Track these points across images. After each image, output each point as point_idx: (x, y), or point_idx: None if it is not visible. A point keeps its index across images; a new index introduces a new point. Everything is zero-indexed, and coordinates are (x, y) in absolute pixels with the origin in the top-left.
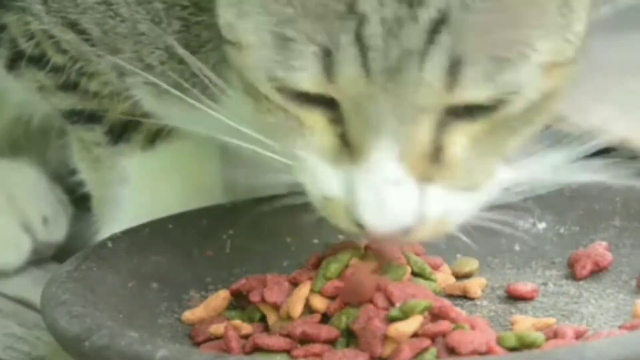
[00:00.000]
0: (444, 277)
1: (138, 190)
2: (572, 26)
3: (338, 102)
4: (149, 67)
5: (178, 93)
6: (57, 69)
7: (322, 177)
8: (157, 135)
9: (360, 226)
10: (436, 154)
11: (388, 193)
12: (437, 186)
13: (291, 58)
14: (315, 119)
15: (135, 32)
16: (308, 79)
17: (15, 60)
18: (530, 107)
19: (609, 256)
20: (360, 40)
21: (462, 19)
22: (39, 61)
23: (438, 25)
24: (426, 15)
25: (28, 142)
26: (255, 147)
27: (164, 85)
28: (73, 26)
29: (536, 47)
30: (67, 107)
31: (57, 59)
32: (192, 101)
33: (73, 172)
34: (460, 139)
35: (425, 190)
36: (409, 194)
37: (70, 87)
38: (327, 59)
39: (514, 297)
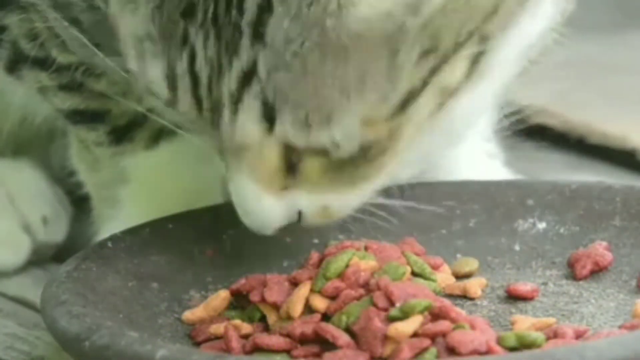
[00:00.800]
0: (444, 277)
1: (138, 190)
2: (396, 87)
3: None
4: None
5: None
6: (61, 69)
7: (227, 182)
8: (161, 134)
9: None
10: (292, 169)
11: (251, 207)
12: (301, 190)
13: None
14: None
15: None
16: (162, 94)
17: (15, 62)
18: (362, 151)
19: (609, 256)
20: (192, 73)
21: (271, 73)
22: (42, 62)
23: (250, 75)
24: (239, 64)
25: (29, 142)
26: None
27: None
28: (77, 24)
29: (350, 106)
30: (70, 107)
31: (62, 58)
32: None
33: (72, 173)
34: (311, 162)
35: (288, 196)
36: (267, 205)
37: (73, 87)
38: (171, 84)
39: (514, 297)
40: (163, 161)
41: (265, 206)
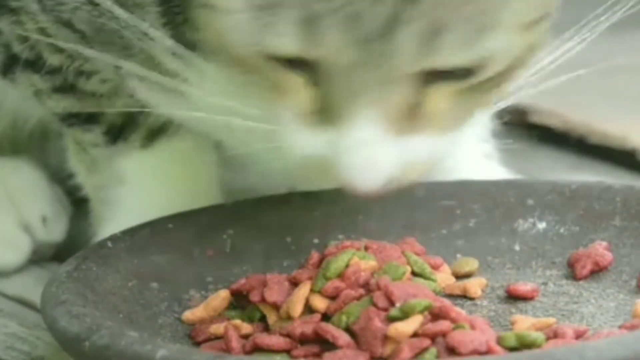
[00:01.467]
0: (444, 277)
1: (135, 190)
2: None
3: (317, 66)
4: (132, 55)
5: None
6: (53, 71)
7: (302, 139)
8: (156, 133)
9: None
10: (416, 109)
11: (367, 153)
12: (418, 136)
13: (274, 22)
14: (295, 82)
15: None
16: (290, 44)
17: (9, 65)
18: (510, 64)
19: (609, 256)
20: (347, 5)
21: None
22: (34, 64)
23: None
24: None
25: (27, 142)
26: (233, 119)
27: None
28: (68, 25)
29: (514, 9)
30: (64, 109)
31: (53, 60)
32: (164, 80)
33: (71, 175)
34: (439, 97)
35: (406, 142)
36: (388, 151)
37: (67, 89)
38: (312, 24)
39: (514, 297)
40: (159, 160)
41: (383, 150)
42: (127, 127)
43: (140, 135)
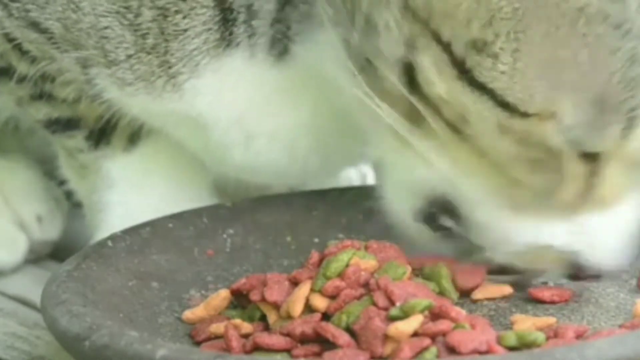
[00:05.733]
0: None
1: (124, 192)
2: None
3: (600, 158)
4: (114, 62)
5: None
6: (23, 78)
7: (550, 228)
8: (137, 135)
9: (582, 267)
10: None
11: (628, 236)
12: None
13: (604, 126)
14: (578, 174)
15: (98, 26)
16: (608, 142)
17: None
18: None
19: None
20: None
21: None
22: (7, 72)
23: None
24: None
25: (20, 142)
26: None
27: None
28: (35, 25)
29: None
30: (45, 117)
31: (22, 67)
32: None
33: (64, 182)
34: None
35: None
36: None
37: (41, 95)
38: (630, 124)
39: (536, 302)
40: (144, 162)
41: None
42: (107, 131)
43: (122, 138)
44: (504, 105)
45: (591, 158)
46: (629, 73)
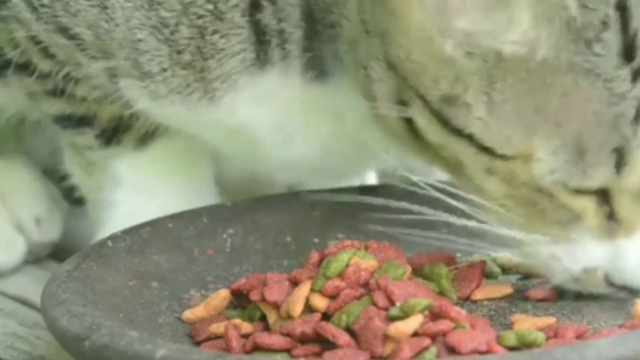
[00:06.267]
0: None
1: (131, 191)
2: None
3: (610, 191)
4: (147, 74)
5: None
6: (44, 76)
7: (586, 252)
8: (148, 135)
9: (619, 287)
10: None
11: None
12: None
13: (587, 166)
14: (585, 205)
15: (132, 38)
16: (598, 180)
17: (1, 68)
18: None
19: None
20: None
21: None
22: (26, 68)
23: None
24: None
25: (20, 141)
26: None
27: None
28: (64, 31)
29: None
30: (57, 112)
31: (43, 65)
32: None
33: (66, 177)
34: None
35: None
36: None
37: (58, 92)
38: (619, 161)
39: (538, 301)
40: (153, 162)
41: None
42: (119, 130)
43: (133, 138)
44: (484, 149)
45: (592, 192)
46: (606, 114)
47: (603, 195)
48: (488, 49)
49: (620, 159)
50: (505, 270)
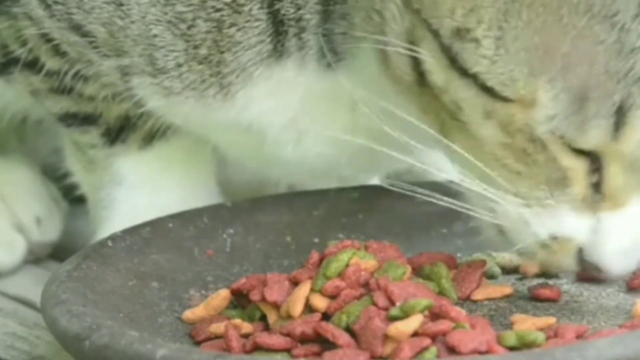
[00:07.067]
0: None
1: (133, 190)
2: None
3: (603, 157)
4: (161, 71)
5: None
6: (52, 74)
7: (560, 220)
8: (154, 135)
9: (588, 265)
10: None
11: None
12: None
13: (586, 118)
14: (575, 167)
15: (147, 34)
16: (595, 137)
17: (6, 66)
18: None
19: None
20: None
21: None
22: (33, 66)
23: None
24: None
25: (21, 141)
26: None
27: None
28: (77, 29)
29: None
30: (61, 110)
31: (52, 63)
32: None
33: (67, 175)
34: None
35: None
36: None
37: (64, 90)
38: (619, 121)
39: (539, 300)
40: (157, 162)
41: None
42: (125, 129)
43: (138, 137)
44: (486, 89)
45: (585, 155)
46: (615, 65)
47: (595, 162)
48: None
49: (620, 119)
50: (505, 270)
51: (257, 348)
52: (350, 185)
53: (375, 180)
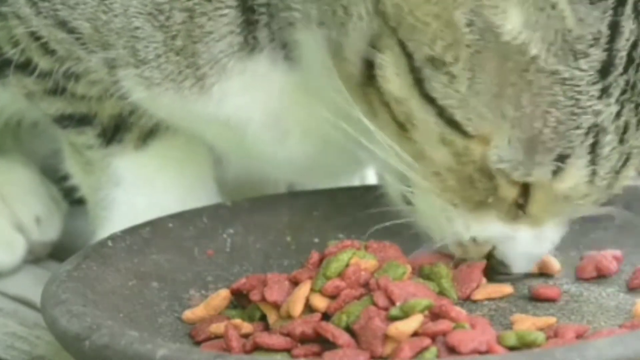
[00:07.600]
0: None
1: (131, 191)
2: None
3: (534, 187)
4: (143, 61)
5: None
6: (44, 74)
7: (484, 225)
8: (149, 134)
9: (496, 260)
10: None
11: (545, 248)
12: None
13: (532, 164)
14: (511, 192)
15: (129, 26)
16: (536, 178)
17: (0, 68)
18: None
19: (614, 266)
20: (593, 151)
21: None
22: (25, 67)
23: None
24: None
25: (20, 142)
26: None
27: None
28: (63, 25)
29: None
30: (57, 111)
31: (43, 63)
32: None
33: (66, 177)
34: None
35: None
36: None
37: (58, 91)
38: (559, 167)
39: (539, 300)
40: (153, 161)
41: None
42: (120, 129)
43: (134, 137)
44: (450, 122)
45: (520, 184)
46: (564, 126)
47: (526, 189)
48: (489, 25)
49: (559, 166)
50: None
51: (257, 348)
52: (350, 185)
53: (374, 180)
